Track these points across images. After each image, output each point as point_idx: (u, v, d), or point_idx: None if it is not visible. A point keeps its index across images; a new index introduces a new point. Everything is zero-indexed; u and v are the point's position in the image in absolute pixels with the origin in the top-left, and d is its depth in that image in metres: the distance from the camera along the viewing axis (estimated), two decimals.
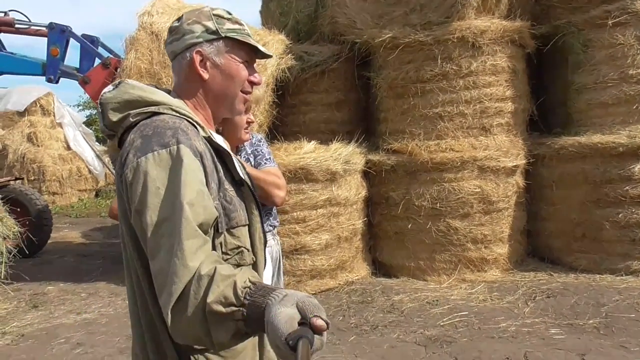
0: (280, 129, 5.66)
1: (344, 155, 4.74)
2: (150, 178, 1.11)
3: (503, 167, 4.87)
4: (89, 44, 6.06)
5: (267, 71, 4.93)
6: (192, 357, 1.20)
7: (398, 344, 3.57)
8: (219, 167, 1.24)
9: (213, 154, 1.24)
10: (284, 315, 0.95)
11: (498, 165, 4.85)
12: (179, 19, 1.33)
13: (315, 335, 0.94)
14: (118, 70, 5.36)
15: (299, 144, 4.95)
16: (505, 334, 3.62)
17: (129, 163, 1.14)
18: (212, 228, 1.17)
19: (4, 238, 4.25)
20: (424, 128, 5.01)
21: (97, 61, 5.94)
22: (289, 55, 5.35)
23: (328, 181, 4.66)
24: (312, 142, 4.94)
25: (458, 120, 4.95)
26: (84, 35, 6.17)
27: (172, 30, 1.33)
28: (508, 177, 4.96)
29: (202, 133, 1.24)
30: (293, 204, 4.55)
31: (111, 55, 6.03)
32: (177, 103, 1.26)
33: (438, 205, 4.86)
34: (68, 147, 12.79)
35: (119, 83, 1.27)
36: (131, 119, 1.22)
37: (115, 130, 1.26)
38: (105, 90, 1.27)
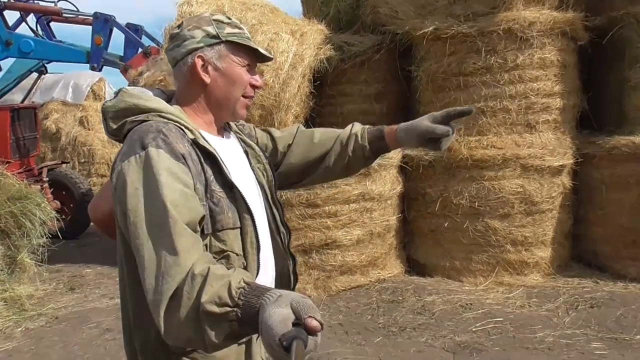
0: (317, 121, 5.57)
1: None
2: (130, 180, 1.13)
3: (548, 166, 4.60)
4: (132, 33, 6.15)
5: (304, 62, 4.83)
6: None
7: (425, 348, 3.45)
8: (207, 168, 1.24)
9: (200, 156, 1.24)
10: (278, 315, 0.95)
11: (543, 164, 4.59)
12: (178, 26, 1.34)
13: (309, 336, 0.94)
14: (157, 57, 5.41)
15: None
16: (542, 345, 3.42)
17: (115, 168, 1.19)
18: (200, 228, 1.17)
19: (42, 223, 4.40)
20: (464, 123, 4.77)
21: (140, 50, 6.03)
22: (328, 45, 5.22)
23: (362, 175, 4.54)
24: None
25: (501, 116, 4.71)
26: (128, 24, 6.27)
27: (172, 37, 1.34)
28: (553, 177, 4.69)
29: (189, 135, 1.24)
30: (325, 197, 4.46)
31: (153, 44, 6.11)
32: (171, 110, 1.28)
33: (477, 204, 4.66)
34: None
35: (118, 91, 1.30)
36: (127, 127, 1.26)
37: (119, 136, 1.30)
38: (107, 99, 1.34)
